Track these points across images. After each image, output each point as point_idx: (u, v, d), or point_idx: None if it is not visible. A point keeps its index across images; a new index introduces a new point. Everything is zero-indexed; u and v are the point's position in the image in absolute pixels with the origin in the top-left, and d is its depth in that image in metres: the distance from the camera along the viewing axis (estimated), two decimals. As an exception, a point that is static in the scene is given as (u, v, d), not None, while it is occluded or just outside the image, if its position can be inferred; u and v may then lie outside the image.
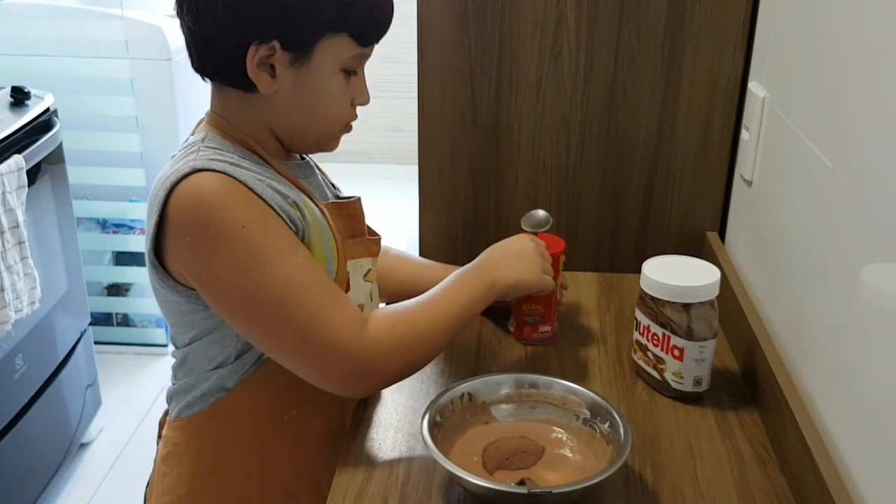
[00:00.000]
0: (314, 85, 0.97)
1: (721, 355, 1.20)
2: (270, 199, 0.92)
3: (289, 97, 0.97)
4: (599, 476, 0.88)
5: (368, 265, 1.06)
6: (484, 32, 1.35)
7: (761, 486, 0.97)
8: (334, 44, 0.95)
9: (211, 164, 0.91)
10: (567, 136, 1.41)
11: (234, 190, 0.91)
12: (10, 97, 2.09)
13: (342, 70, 0.98)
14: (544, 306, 1.23)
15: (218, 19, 0.92)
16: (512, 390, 1.04)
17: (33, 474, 2.09)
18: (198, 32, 0.94)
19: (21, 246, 1.89)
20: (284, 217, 0.93)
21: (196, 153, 0.94)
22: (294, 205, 0.96)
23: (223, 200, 0.90)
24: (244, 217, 0.90)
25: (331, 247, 0.99)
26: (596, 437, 0.98)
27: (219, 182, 0.90)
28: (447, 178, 1.45)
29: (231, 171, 0.91)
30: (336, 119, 1.01)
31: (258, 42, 0.92)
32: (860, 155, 0.90)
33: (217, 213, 0.89)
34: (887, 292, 0.81)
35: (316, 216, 0.98)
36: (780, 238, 1.15)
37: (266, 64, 0.94)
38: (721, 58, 1.34)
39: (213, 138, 0.97)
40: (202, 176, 0.90)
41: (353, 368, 0.93)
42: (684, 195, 1.43)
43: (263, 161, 0.98)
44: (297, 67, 0.95)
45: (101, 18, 2.62)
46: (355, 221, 1.06)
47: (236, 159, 0.95)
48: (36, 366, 2.08)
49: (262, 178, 0.94)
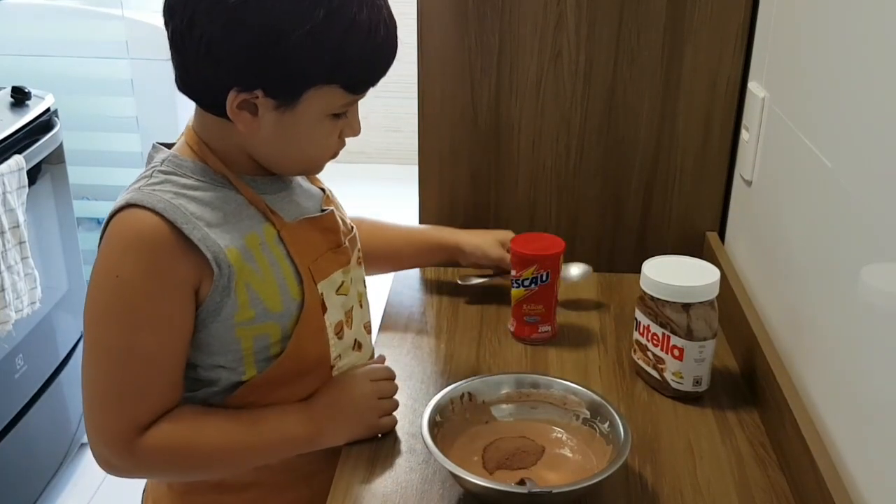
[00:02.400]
0: (298, 129, 0.92)
1: (721, 355, 1.20)
2: (200, 241, 0.88)
3: (270, 136, 0.92)
4: (599, 476, 0.88)
5: (340, 278, 1.01)
6: (484, 32, 1.36)
7: (761, 486, 0.97)
8: (324, 94, 0.90)
9: (148, 199, 0.88)
10: (567, 136, 1.41)
11: (145, 237, 0.87)
12: (10, 97, 2.09)
13: (331, 115, 0.93)
14: (544, 306, 1.23)
15: (200, 59, 0.87)
16: (512, 390, 1.04)
17: (33, 474, 2.09)
18: (179, 61, 0.90)
19: (21, 246, 1.90)
20: (210, 259, 0.88)
21: (146, 180, 0.91)
22: (231, 248, 0.90)
23: (124, 244, 0.88)
24: (128, 268, 0.87)
25: (283, 276, 0.95)
26: (596, 436, 0.98)
27: (140, 225, 0.87)
28: (447, 178, 1.45)
29: (164, 210, 0.87)
30: (320, 155, 0.98)
31: (239, 89, 0.87)
32: (860, 155, 0.90)
33: (109, 250, 0.89)
34: (887, 292, 0.82)
35: (265, 249, 0.94)
36: (779, 238, 1.15)
37: (249, 103, 0.89)
38: (721, 58, 1.34)
39: (174, 160, 0.93)
40: (130, 214, 0.88)
41: (104, 461, 0.91)
42: (684, 195, 1.43)
43: (227, 182, 0.94)
44: (282, 112, 0.90)
45: (102, 18, 2.62)
46: (331, 234, 1.02)
47: (186, 187, 0.91)
48: (36, 366, 2.08)
49: (203, 216, 0.89)
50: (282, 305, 0.95)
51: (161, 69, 2.61)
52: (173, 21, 0.88)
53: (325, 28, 0.85)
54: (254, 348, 0.95)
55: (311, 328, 0.97)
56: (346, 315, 1.03)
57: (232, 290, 0.91)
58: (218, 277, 0.89)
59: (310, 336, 0.98)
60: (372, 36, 0.88)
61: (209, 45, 0.85)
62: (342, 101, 0.92)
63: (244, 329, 0.93)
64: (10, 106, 2.07)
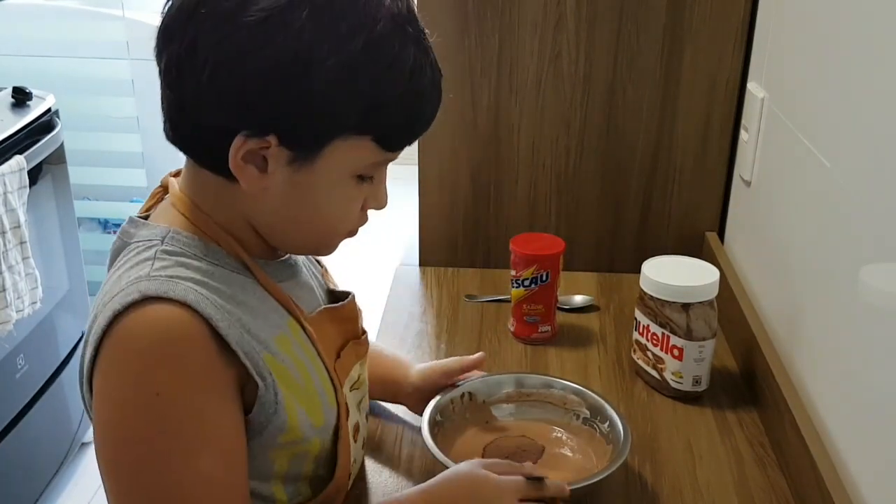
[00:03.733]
0: (315, 190, 0.74)
1: (720, 355, 1.20)
2: (237, 345, 0.70)
3: (279, 198, 0.74)
4: (598, 476, 0.88)
5: (357, 372, 0.87)
6: (484, 33, 1.36)
7: (760, 486, 0.97)
8: (351, 147, 0.72)
9: (170, 290, 0.68)
10: (567, 136, 1.41)
11: (177, 338, 0.68)
12: (11, 98, 2.09)
13: (356, 176, 0.76)
14: (544, 306, 1.23)
15: (202, 90, 0.69)
16: (512, 390, 1.04)
17: (34, 474, 2.10)
18: (173, 98, 0.72)
19: (22, 246, 1.90)
20: (251, 369, 0.71)
21: (151, 264, 0.71)
22: (267, 355, 0.73)
23: (151, 351, 0.68)
24: (167, 383, 0.67)
25: (321, 381, 0.79)
26: (596, 436, 0.98)
27: (168, 322, 0.68)
28: (447, 178, 1.45)
29: (195, 303, 0.68)
30: (337, 229, 0.79)
31: (248, 134, 0.69)
32: (858, 155, 0.90)
33: (131, 365, 0.68)
34: (886, 292, 0.82)
35: (298, 353, 0.77)
36: (779, 238, 1.15)
37: (257, 155, 0.71)
38: (720, 59, 1.35)
39: (178, 237, 0.74)
40: (150, 311, 0.68)
41: None
42: (684, 195, 1.43)
43: (243, 266, 0.76)
44: (297, 168, 0.72)
45: (102, 19, 2.62)
46: (349, 324, 0.87)
47: (204, 273, 0.72)
48: (37, 365, 2.08)
49: (233, 312, 0.71)
50: (324, 417, 0.79)
51: (161, 69, 2.62)
52: (170, 47, 0.71)
53: (362, 62, 0.69)
54: (287, 471, 0.79)
55: (345, 441, 0.83)
56: (361, 415, 0.89)
57: (280, 406, 0.73)
58: (263, 391, 0.72)
59: (343, 449, 0.83)
60: (416, 78, 0.72)
61: (213, 74, 0.68)
62: (372, 160, 0.75)
63: (283, 450, 0.77)
64: (11, 106, 2.08)
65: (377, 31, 0.69)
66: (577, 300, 1.35)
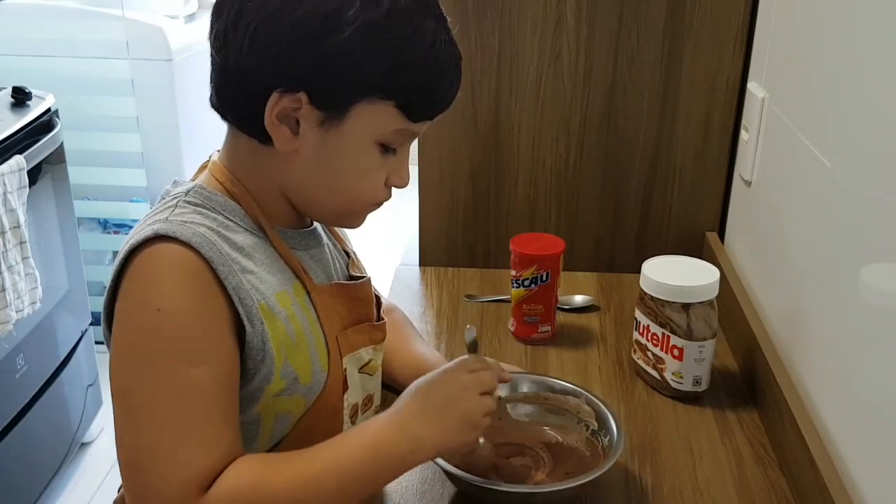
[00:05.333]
0: (341, 153, 0.81)
1: (720, 355, 1.20)
2: (234, 290, 0.76)
3: (309, 161, 0.81)
4: (585, 478, 0.88)
5: (368, 356, 0.90)
6: (484, 32, 1.36)
7: (760, 486, 0.97)
8: (374, 111, 0.79)
9: (179, 231, 0.75)
10: (567, 136, 1.41)
11: (181, 268, 0.75)
12: (10, 97, 2.09)
13: (379, 143, 0.81)
14: (544, 306, 1.23)
15: (243, 53, 0.77)
16: (531, 391, 1.03)
17: (34, 474, 2.10)
18: (219, 63, 0.80)
19: (22, 246, 1.90)
20: (241, 313, 0.77)
21: (171, 210, 0.79)
22: (263, 304, 0.79)
23: (159, 275, 0.75)
24: (170, 299, 0.74)
25: (315, 343, 0.84)
26: (597, 449, 0.97)
27: (173, 257, 0.75)
28: (447, 178, 1.45)
29: (199, 245, 0.75)
30: (362, 197, 0.85)
31: (282, 90, 0.77)
32: (859, 155, 0.90)
33: (139, 285, 0.76)
34: (886, 292, 0.82)
35: (297, 311, 0.82)
36: (779, 238, 1.15)
37: (290, 117, 0.79)
38: (720, 58, 1.35)
39: (202, 191, 0.82)
40: (161, 248, 0.75)
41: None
42: (684, 195, 1.43)
43: (258, 228, 0.83)
44: (326, 129, 0.79)
45: (102, 19, 2.62)
46: (362, 305, 0.91)
47: (219, 224, 0.80)
48: (37, 365, 2.08)
49: (238, 260, 0.78)
50: (311, 377, 0.83)
51: (162, 69, 2.61)
52: (220, 20, 0.79)
53: (386, 26, 0.76)
54: (272, 427, 0.83)
55: (327, 407, 0.85)
56: (365, 398, 0.91)
57: (268, 354, 0.79)
58: (251, 336, 0.77)
59: (325, 417, 0.85)
60: (437, 48, 0.79)
61: (255, 34, 0.76)
62: (395, 126, 0.81)
63: (270, 402, 0.81)
64: (11, 106, 2.07)
65: (401, 2, 0.77)
66: (577, 300, 1.35)
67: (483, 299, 1.37)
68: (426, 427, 0.79)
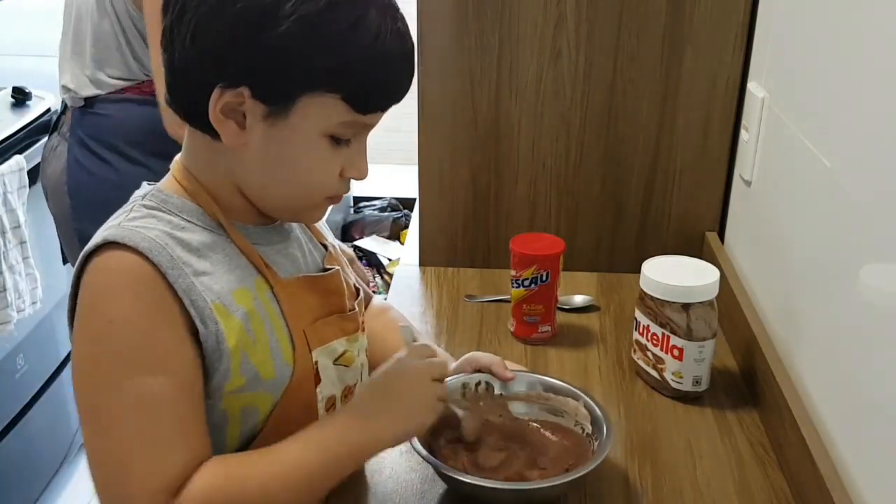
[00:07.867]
0: (290, 147, 0.80)
1: (720, 355, 1.20)
2: (184, 293, 0.77)
3: (259, 155, 0.80)
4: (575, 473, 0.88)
5: (343, 347, 0.89)
6: (484, 32, 1.36)
7: (760, 486, 0.97)
8: (321, 104, 0.78)
9: (129, 237, 0.76)
10: (567, 136, 1.41)
11: (131, 277, 0.76)
12: (11, 97, 2.09)
13: (328, 136, 0.80)
14: (544, 306, 1.23)
15: (186, 49, 0.77)
16: (532, 390, 1.03)
17: (34, 474, 2.10)
18: (167, 60, 0.80)
19: (22, 246, 1.90)
20: (193, 315, 0.77)
21: (126, 215, 0.80)
22: (217, 304, 0.79)
23: (108, 286, 0.76)
24: (120, 310, 0.75)
25: (277, 338, 0.83)
26: (589, 452, 0.96)
27: (122, 265, 0.76)
28: (447, 178, 1.45)
29: (147, 250, 0.76)
30: (316, 190, 0.84)
31: (224, 85, 0.76)
32: (859, 155, 0.90)
33: (92, 299, 0.77)
34: (886, 292, 0.82)
35: (258, 306, 0.82)
36: (779, 238, 1.15)
37: (236, 111, 0.78)
38: (720, 58, 1.35)
39: (158, 194, 0.82)
40: (111, 256, 0.76)
41: None
42: (684, 195, 1.43)
43: (217, 225, 0.83)
44: (271, 123, 0.78)
45: (102, 19, 2.62)
46: (333, 297, 0.90)
47: (173, 226, 0.80)
48: (37, 365, 2.08)
49: (190, 262, 0.78)
50: (275, 372, 0.83)
51: (161, 69, 2.62)
52: (166, 17, 0.79)
53: (325, 19, 0.75)
54: (241, 422, 0.83)
55: (298, 401, 0.85)
56: (344, 390, 0.91)
57: (224, 353, 0.79)
58: (205, 337, 0.78)
59: (297, 410, 0.85)
60: (380, 41, 0.77)
61: (196, 30, 0.76)
62: (343, 118, 0.79)
63: (232, 398, 0.82)
64: (11, 106, 2.08)
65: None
66: (577, 300, 1.35)
67: (483, 299, 1.37)
68: (386, 415, 0.83)
